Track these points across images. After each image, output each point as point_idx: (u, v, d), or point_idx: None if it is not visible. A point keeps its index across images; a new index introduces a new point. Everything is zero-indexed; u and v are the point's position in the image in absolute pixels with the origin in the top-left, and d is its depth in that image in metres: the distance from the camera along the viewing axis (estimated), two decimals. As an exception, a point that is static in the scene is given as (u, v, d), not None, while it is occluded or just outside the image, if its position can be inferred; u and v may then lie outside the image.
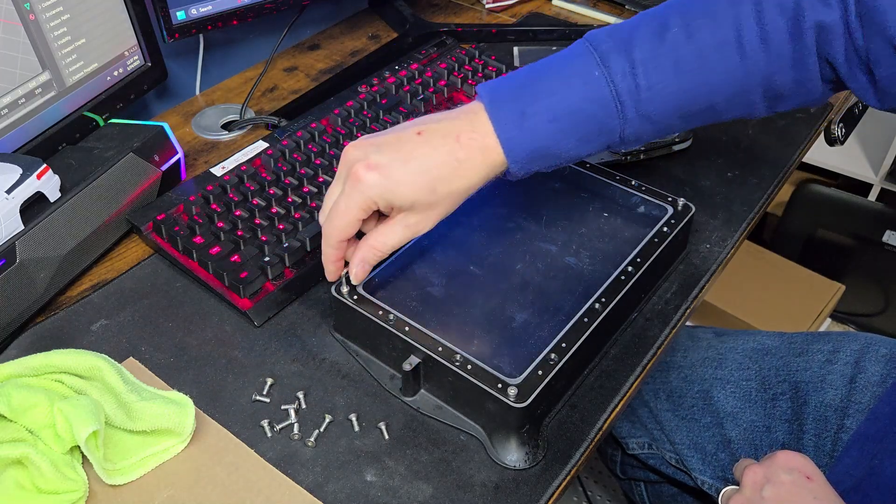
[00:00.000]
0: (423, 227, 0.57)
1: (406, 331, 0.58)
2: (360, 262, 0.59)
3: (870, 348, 0.76)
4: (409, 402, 0.59)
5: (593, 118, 0.56)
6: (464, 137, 0.55)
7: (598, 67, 0.55)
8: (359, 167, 0.55)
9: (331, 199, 0.58)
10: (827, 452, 0.73)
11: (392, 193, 0.55)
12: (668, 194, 0.71)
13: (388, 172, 0.54)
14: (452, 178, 0.55)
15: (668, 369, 0.83)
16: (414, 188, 0.55)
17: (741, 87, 0.56)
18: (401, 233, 0.57)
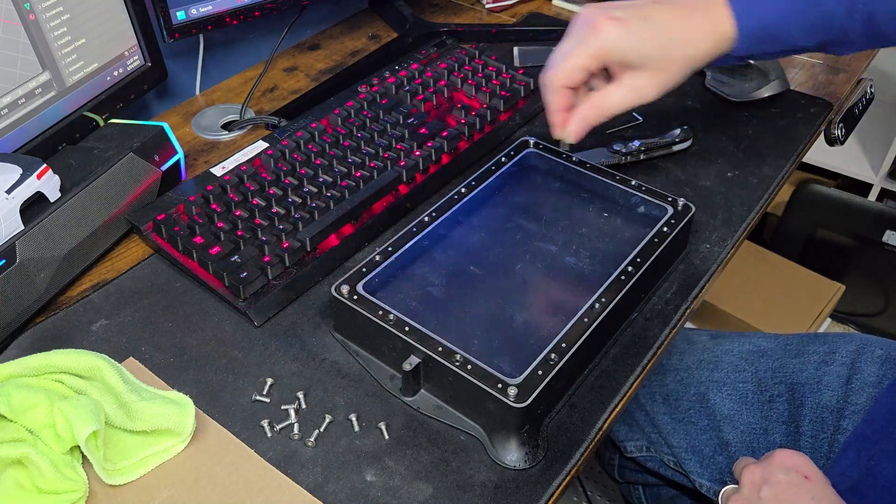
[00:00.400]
0: (647, 91, 0.61)
1: (406, 331, 0.58)
2: (580, 119, 0.62)
3: (865, 349, 0.76)
4: (409, 402, 0.59)
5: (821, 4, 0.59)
6: (700, 8, 0.59)
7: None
8: (599, 18, 0.59)
9: (558, 51, 0.61)
10: (824, 454, 0.72)
11: (628, 46, 0.59)
12: (668, 194, 0.71)
13: (628, 25, 0.58)
14: (684, 43, 0.59)
15: (665, 372, 0.83)
16: (650, 44, 0.59)
17: None
18: (626, 94, 0.61)
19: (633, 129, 0.89)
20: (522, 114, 0.89)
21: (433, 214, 0.69)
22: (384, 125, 0.83)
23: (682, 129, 0.84)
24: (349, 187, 0.74)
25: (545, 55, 1.00)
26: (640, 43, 0.59)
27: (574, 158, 0.75)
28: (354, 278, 0.62)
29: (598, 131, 0.88)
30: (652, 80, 0.61)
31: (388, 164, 0.77)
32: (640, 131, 0.88)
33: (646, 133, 0.88)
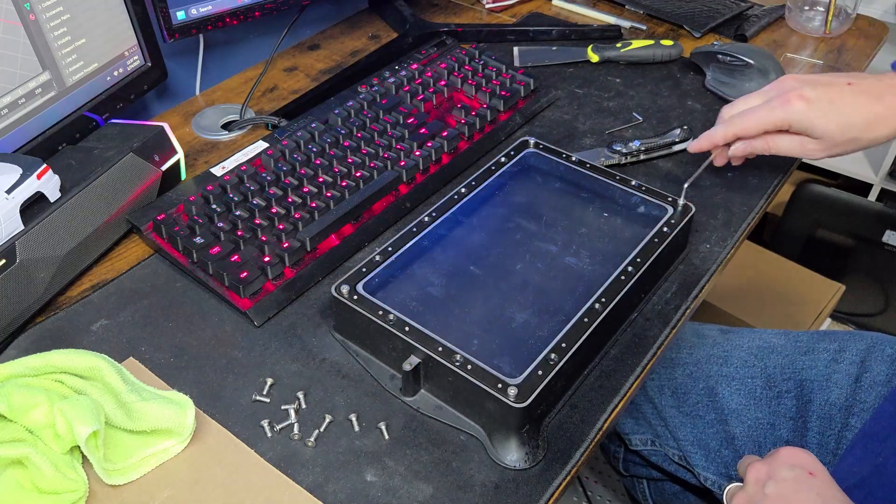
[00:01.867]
0: (815, 154, 0.68)
1: (406, 331, 0.58)
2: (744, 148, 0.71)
3: (875, 348, 0.76)
4: (409, 402, 0.59)
5: None
6: (888, 98, 0.66)
7: None
8: (793, 94, 0.66)
9: (747, 103, 0.70)
10: (831, 450, 0.73)
11: (810, 122, 0.66)
12: (668, 194, 0.71)
13: (815, 106, 0.66)
14: (865, 128, 0.67)
15: (674, 366, 0.83)
16: (829, 125, 0.66)
17: None
18: (795, 147, 0.68)
19: (633, 129, 0.89)
20: (522, 114, 0.89)
21: (433, 214, 0.69)
22: (384, 125, 0.83)
23: (682, 129, 0.84)
24: (349, 187, 0.74)
25: (545, 55, 1.01)
26: (821, 122, 0.66)
27: (574, 158, 0.75)
28: (354, 278, 0.62)
29: (598, 131, 0.88)
30: (822, 148, 0.68)
31: (388, 164, 0.77)
32: (640, 131, 0.88)
33: (646, 133, 0.88)
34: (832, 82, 0.67)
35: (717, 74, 0.94)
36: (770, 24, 1.10)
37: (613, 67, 1.00)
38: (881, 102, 0.66)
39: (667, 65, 1.00)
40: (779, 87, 0.69)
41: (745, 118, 0.69)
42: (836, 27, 1.07)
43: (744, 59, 0.92)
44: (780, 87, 0.69)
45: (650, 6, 1.11)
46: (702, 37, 1.06)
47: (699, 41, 1.06)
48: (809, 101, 0.66)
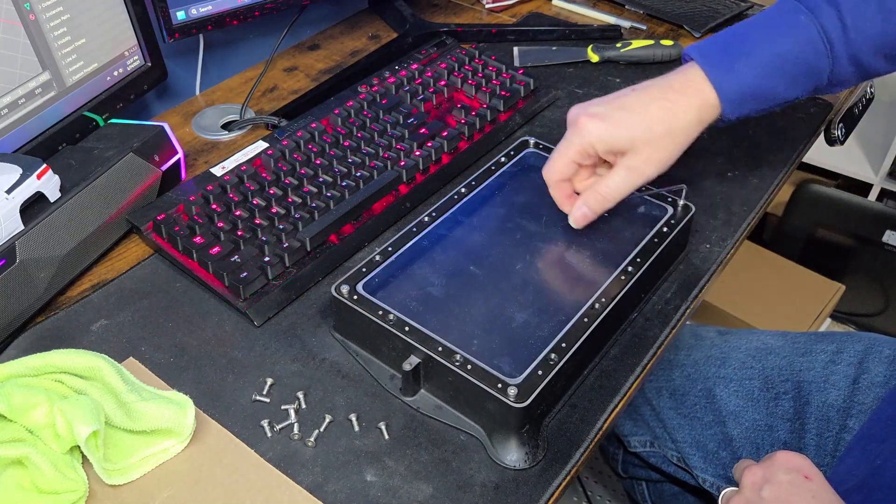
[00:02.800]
0: (646, 169, 0.63)
1: (406, 331, 0.58)
2: (581, 204, 0.65)
3: (873, 349, 0.76)
4: (409, 402, 0.59)
5: (802, 60, 0.61)
6: (676, 85, 0.62)
7: (804, 13, 0.61)
8: (581, 118, 0.63)
9: (555, 150, 0.66)
10: (829, 452, 0.72)
11: (609, 135, 0.61)
12: (668, 194, 0.71)
13: (606, 117, 0.62)
14: (666, 118, 0.61)
15: (672, 367, 0.83)
16: (630, 127, 0.61)
17: None
18: (624, 176, 0.63)
19: (633, 129, 0.88)
20: (522, 114, 0.89)
21: (433, 214, 0.69)
22: (384, 125, 0.83)
23: (682, 129, 0.84)
24: (349, 187, 0.74)
25: (545, 55, 1.01)
26: (619, 131, 0.62)
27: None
28: (354, 278, 0.62)
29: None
30: (645, 159, 0.62)
31: (388, 164, 0.77)
32: (640, 131, 0.88)
33: (646, 133, 0.88)
34: (617, 94, 0.64)
35: (717, 74, 0.94)
36: (770, 24, 1.10)
37: (613, 67, 1.00)
38: (672, 91, 0.62)
39: (667, 65, 1.00)
40: (570, 120, 0.65)
41: (550, 163, 0.65)
42: (835, 27, 1.06)
43: (744, 59, 0.92)
44: (570, 119, 0.65)
45: (650, 6, 1.11)
46: (702, 37, 1.06)
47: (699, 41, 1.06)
48: (600, 116, 0.62)
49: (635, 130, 0.61)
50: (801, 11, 0.62)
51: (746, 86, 0.62)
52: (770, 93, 0.63)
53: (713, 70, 0.62)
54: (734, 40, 0.63)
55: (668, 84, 0.63)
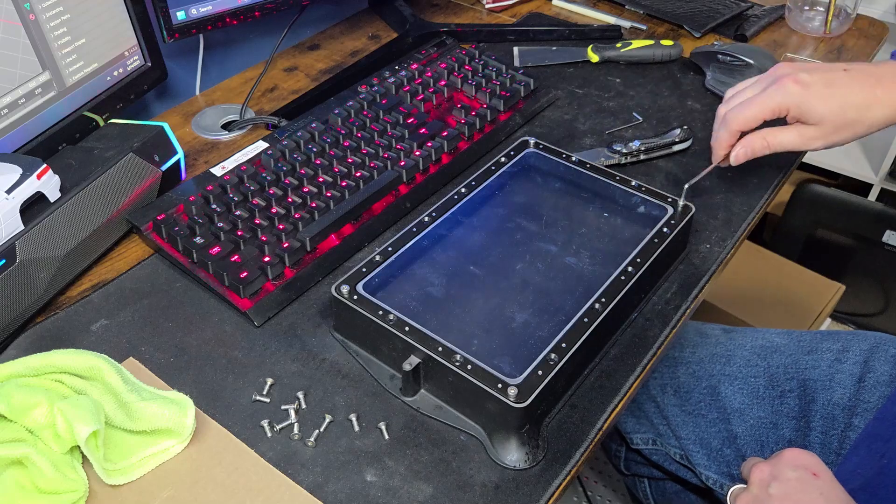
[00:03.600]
0: (815, 143, 0.66)
1: (406, 331, 0.58)
2: (747, 145, 0.68)
3: (879, 348, 0.76)
4: (409, 402, 0.59)
5: None
6: (886, 81, 0.64)
7: None
8: (787, 79, 0.65)
9: (743, 94, 0.68)
10: (834, 450, 0.72)
11: (808, 105, 0.64)
12: (668, 194, 0.71)
13: (811, 89, 0.64)
14: (864, 109, 0.64)
15: (676, 364, 0.83)
16: (828, 106, 0.64)
17: None
18: (795, 138, 0.67)
19: (633, 129, 0.89)
20: (522, 114, 0.89)
21: (433, 214, 0.69)
22: (384, 125, 0.83)
23: (682, 129, 0.84)
24: (349, 187, 0.74)
25: (545, 55, 1.01)
26: (819, 104, 0.65)
27: (574, 158, 0.75)
28: (354, 278, 0.62)
29: (598, 131, 0.88)
30: (822, 134, 0.66)
31: (388, 164, 0.77)
32: (640, 131, 0.88)
33: (646, 133, 0.88)
34: (829, 67, 0.67)
35: (718, 74, 0.94)
36: (770, 24, 1.10)
37: (613, 67, 1.00)
38: (880, 85, 0.65)
39: (667, 65, 1.00)
40: (773, 75, 0.68)
41: (743, 110, 0.67)
42: (836, 27, 1.07)
43: (744, 59, 0.92)
44: (774, 73, 0.68)
45: (650, 6, 1.11)
46: (702, 37, 1.06)
47: (699, 41, 1.06)
48: (806, 84, 0.65)
49: (831, 110, 0.64)
50: None
51: None
52: None
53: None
54: None
55: (878, 75, 0.65)
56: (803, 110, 0.65)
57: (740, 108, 0.67)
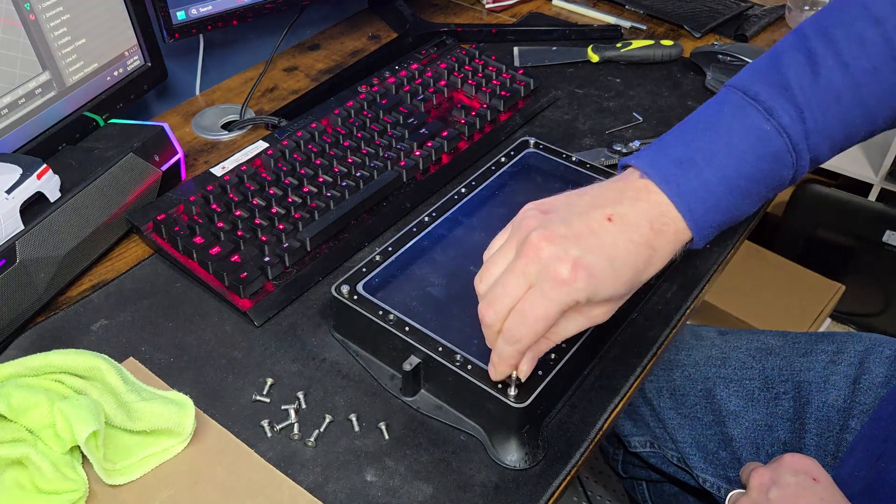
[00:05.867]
0: (604, 318, 0.53)
1: (406, 331, 0.58)
2: (533, 357, 0.52)
3: (874, 349, 0.76)
4: (409, 403, 0.59)
5: (771, 174, 0.53)
6: (656, 224, 0.51)
7: (767, 120, 0.52)
8: (562, 268, 0.48)
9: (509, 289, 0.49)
10: (830, 453, 0.72)
11: (597, 294, 0.49)
12: None
13: (595, 272, 0.48)
14: (647, 269, 0.52)
15: (672, 367, 0.83)
16: (617, 285, 0.50)
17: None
18: (582, 323, 0.52)
19: (633, 129, 0.89)
20: (522, 114, 0.89)
21: (433, 214, 0.69)
22: (384, 125, 0.83)
23: (682, 129, 0.84)
24: (349, 187, 0.74)
25: (545, 55, 1.01)
26: (608, 288, 0.50)
27: (574, 158, 0.75)
28: (354, 278, 0.62)
29: (598, 131, 0.88)
30: (610, 308, 0.52)
31: (388, 164, 0.77)
32: (640, 131, 0.88)
33: (646, 133, 0.88)
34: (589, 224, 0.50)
35: (718, 74, 0.94)
36: (770, 24, 1.10)
37: (613, 67, 1.00)
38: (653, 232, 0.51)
39: (667, 65, 1.00)
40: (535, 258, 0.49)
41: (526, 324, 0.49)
42: (836, 27, 1.07)
43: (744, 59, 0.92)
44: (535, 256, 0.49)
45: (650, 6, 1.11)
46: (702, 37, 1.06)
47: (699, 41, 1.06)
48: (586, 267, 0.48)
49: (621, 288, 0.51)
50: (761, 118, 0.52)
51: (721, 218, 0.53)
52: (740, 215, 0.54)
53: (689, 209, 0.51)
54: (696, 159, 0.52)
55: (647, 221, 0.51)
56: (592, 299, 0.49)
57: (524, 321, 0.49)
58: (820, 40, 0.54)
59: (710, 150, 0.52)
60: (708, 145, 0.52)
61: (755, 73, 0.54)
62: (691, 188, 0.51)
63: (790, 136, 0.52)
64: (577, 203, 0.52)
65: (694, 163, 0.52)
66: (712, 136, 0.53)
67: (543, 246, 0.49)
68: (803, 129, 0.52)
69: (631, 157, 0.55)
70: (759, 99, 0.53)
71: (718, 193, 0.51)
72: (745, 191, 0.52)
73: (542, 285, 0.48)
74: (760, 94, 0.53)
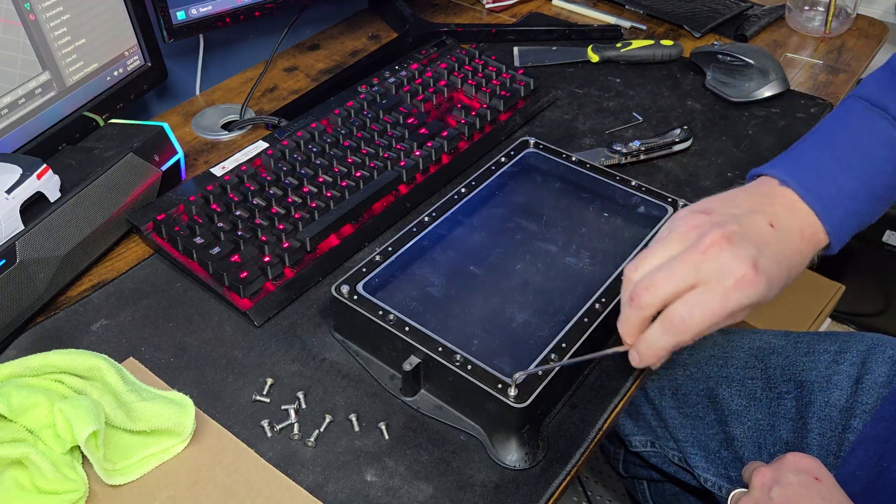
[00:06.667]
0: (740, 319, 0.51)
1: (406, 331, 0.58)
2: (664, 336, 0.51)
3: (876, 349, 0.76)
4: (409, 402, 0.59)
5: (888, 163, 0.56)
6: (806, 231, 0.53)
7: (894, 128, 0.55)
8: (746, 268, 0.48)
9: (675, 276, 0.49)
10: (832, 452, 0.72)
11: (767, 297, 0.50)
12: (668, 195, 0.71)
13: (772, 275, 0.50)
14: (795, 274, 0.53)
15: (674, 367, 0.83)
16: (777, 290, 0.51)
17: None
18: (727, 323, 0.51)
19: (633, 129, 0.89)
20: (522, 114, 0.89)
21: (433, 215, 0.69)
22: (384, 125, 0.83)
23: (682, 129, 0.84)
24: (349, 187, 0.74)
25: (545, 55, 1.01)
26: (775, 291, 0.51)
27: (574, 158, 0.75)
28: (354, 278, 0.62)
29: (598, 131, 0.88)
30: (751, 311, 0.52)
31: (388, 164, 0.77)
32: (640, 131, 0.88)
33: (646, 133, 0.88)
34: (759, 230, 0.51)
35: (718, 74, 0.94)
36: (770, 24, 1.10)
37: (613, 67, 1.00)
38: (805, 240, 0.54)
39: (667, 65, 1.00)
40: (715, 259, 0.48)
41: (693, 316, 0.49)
42: (836, 27, 1.07)
43: (744, 59, 0.92)
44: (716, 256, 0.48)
45: (650, 6, 1.11)
46: (702, 37, 1.06)
47: (699, 41, 1.06)
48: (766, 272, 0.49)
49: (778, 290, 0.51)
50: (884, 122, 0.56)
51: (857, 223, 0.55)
52: (873, 220, 0.57)
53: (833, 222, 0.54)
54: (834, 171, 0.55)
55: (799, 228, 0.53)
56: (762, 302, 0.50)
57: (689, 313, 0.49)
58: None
59: (844, 157, 0.55)
60: (842, 153, 0.55)
61: (878, 84, 0.58)
62: (830, 194, 0.54)
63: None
64: (737, 205, 0.53)
65: (830, 170, 0.54)
66: (844, 144, 0.56)
67: (724, 245, 0.49)
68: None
69: (765, 167, 0.56)
70: (886, 108, 0.56)
71: (856, 199, 0.54)
72: (881, 196, 0.55)
73: (724, 282, 0.48)
74: (887, 104, 0.56)
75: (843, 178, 0.54)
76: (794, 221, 0.53)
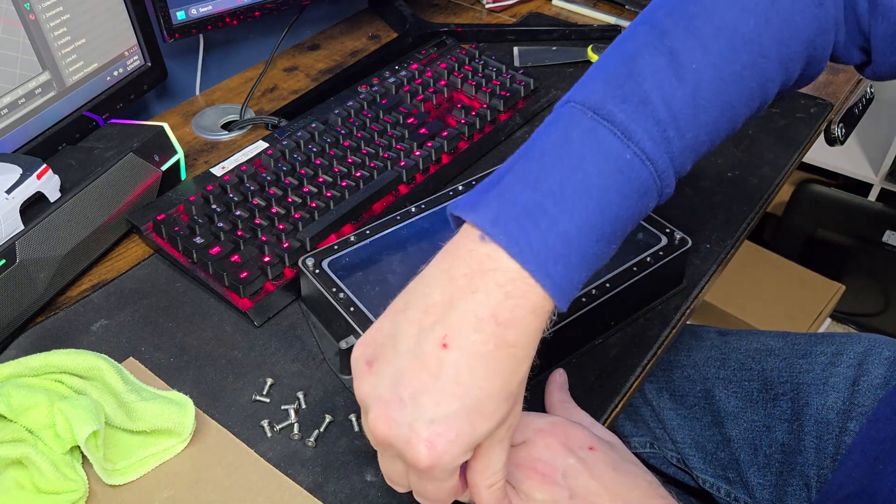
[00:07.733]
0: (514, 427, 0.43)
1: (350, 311, 0.59)
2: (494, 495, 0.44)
3: (873, 350, 0.76)
4: (345, 381, 0.60)
5: (637, 211, 0.43)
6: (502, 315, 0.40)
7: (626, 146, 0.42)
8: (420, 447, 0.39)
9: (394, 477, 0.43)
10: (829, 455, 0.72)
11: (473, 441, 0.40)
12: (667, 224, 0.67)
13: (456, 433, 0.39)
14: (516, 370, 0.41)
15: (672, 368, 0.83)
16: (492, 416, 0.40)
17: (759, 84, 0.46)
18: (502, 450, 0.43)
19: (633, 129, 0.88)
20: (522, 114, 0.89)
21: (422, 206, 0.68)
22: (384, 125, 0.83)
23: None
24: (349, 187, 0.74)
25: (545, 55, 1.01)
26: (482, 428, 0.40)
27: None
28: (324, 254, 0.63)
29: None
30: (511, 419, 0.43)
31: (388, 164, 0.77)
32: (640, 131, 0.88)
33: (646, 133, 0.88)
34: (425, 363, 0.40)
35: (717, 74, 0.94)
36: (770, 24, 1.10)
37: (613, 67, 1.00)
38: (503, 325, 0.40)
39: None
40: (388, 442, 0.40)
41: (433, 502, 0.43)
42: (836, 27, 1.06)
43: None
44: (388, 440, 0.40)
45: (650, 6, 1.11)
46: (702, 37, 1.06)
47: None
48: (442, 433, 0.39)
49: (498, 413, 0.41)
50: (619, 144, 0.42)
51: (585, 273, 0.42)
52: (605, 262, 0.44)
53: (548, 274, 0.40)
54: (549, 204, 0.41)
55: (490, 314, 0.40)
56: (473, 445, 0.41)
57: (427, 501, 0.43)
58: (682, 35, 0.44)
59: (562, 191, 0.41)
60: (559, 186, 0.41)
61: (604, 84, 0.43)
62: (546, 246, 0.40)
63: (655, 163, 0.42)
64: (403, 330, 0.42)
65: (545, 211, 0.40)
66: (563, 173, 0.41)
67: (386, 432, 0.40)
68: (668, 151, 0.43)
69: (463, 207, 0.42)
70: (614, 120, 0.42)
71: (580, 246, 0.41)
72: (611, 236, 0.42)
73: (416, 473, 0.41)
74: (615, 113, 0.42)
75: (563, 220, 0.40)
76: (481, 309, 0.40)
